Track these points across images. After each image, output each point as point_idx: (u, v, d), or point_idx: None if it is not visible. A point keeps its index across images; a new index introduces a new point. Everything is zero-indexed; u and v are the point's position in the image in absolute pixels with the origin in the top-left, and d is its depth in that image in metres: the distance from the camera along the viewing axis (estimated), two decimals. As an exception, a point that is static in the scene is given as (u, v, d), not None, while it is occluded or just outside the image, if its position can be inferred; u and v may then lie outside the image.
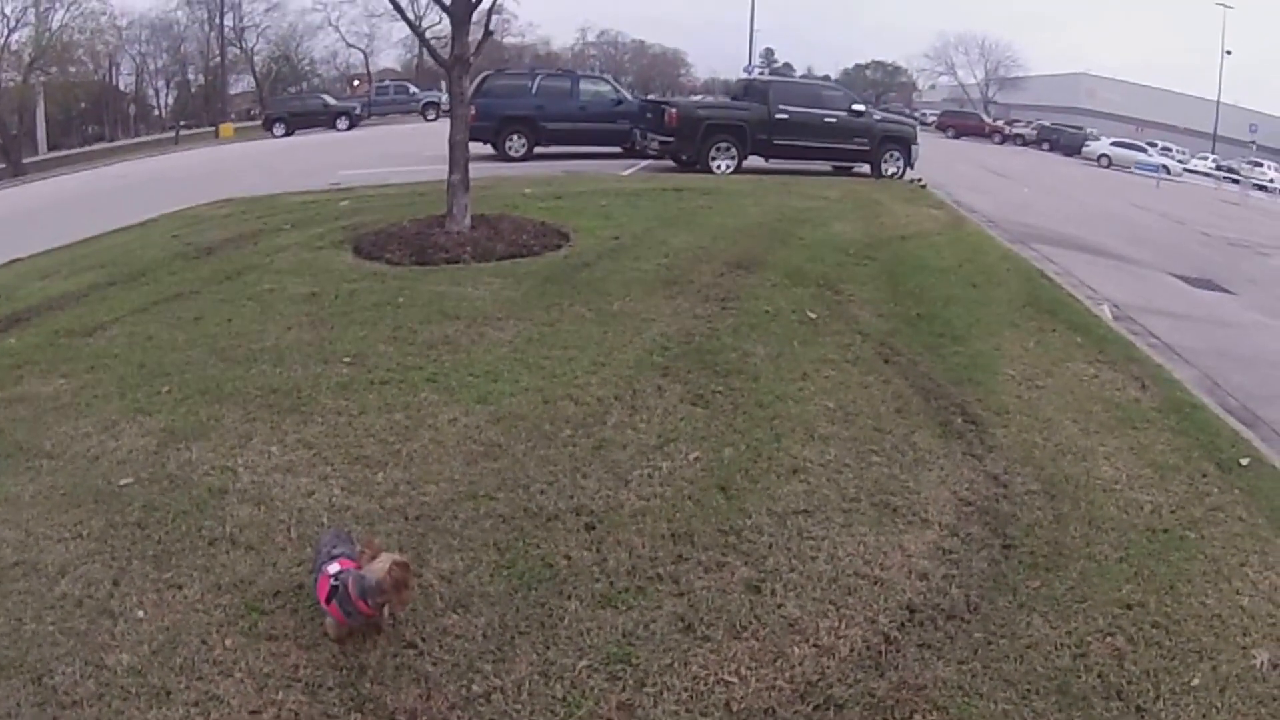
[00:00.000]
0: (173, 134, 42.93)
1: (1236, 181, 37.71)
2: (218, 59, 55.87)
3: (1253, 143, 48.09)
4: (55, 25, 41.85)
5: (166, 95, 61.37)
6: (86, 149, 43.11)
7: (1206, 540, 3.90)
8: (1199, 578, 3.60)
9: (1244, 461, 4.80)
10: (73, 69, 45.35)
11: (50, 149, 42.82)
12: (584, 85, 21.16)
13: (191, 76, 60.39)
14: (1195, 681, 2.98)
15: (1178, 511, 4.14)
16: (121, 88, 57.21)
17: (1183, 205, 24.28)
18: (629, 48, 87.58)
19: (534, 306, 6.61)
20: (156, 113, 59.77)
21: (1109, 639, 3.15)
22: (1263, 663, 3.11)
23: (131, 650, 2.90)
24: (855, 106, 18.85)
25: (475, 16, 9.02)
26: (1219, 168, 45.90)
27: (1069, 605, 3.32)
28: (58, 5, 41.82)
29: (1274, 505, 4.32)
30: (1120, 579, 3.52)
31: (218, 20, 55.31)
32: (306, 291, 7.08)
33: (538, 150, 19.65)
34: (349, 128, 37.95)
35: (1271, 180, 42.50)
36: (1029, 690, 2.88)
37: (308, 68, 65.41)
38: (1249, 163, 44.16)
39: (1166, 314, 9.30)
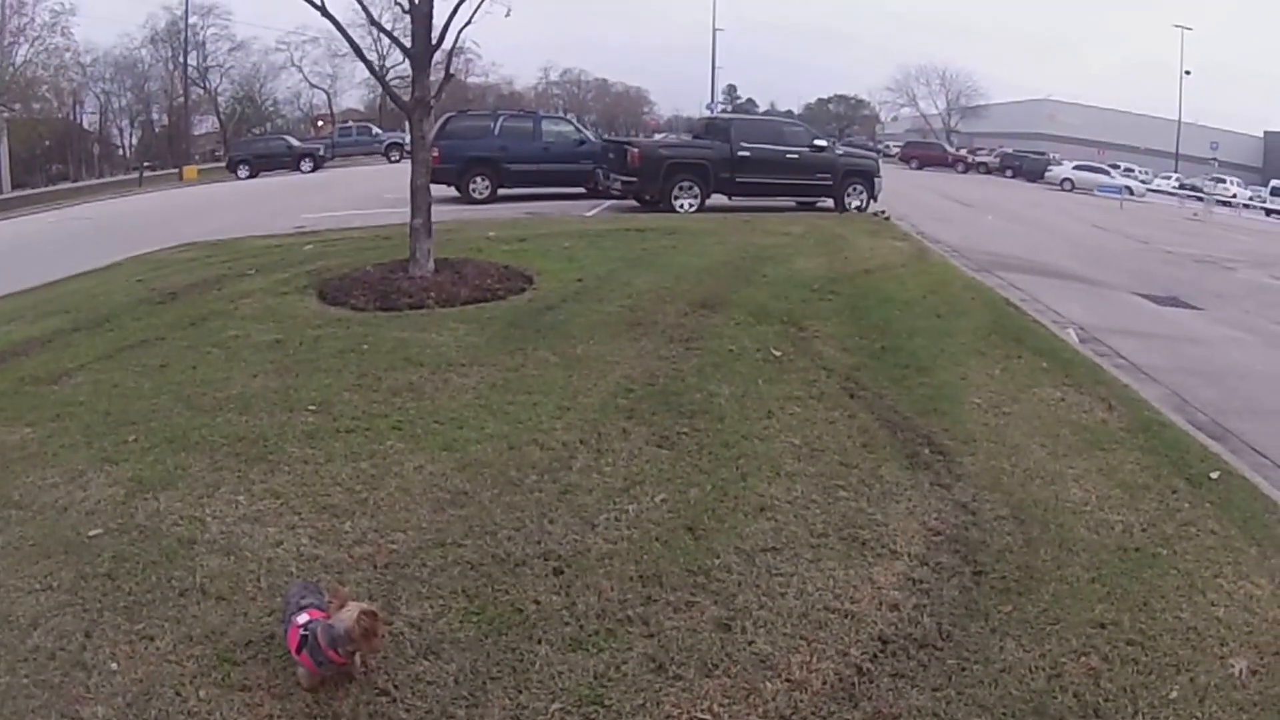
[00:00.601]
0: (136, 175, 42.47)
1: (1200, 199, 38.35)
2: (181, 99, 55.53)
3: (1214, 159, 49.01)
4: (19, 61, 41.43)
5: (131, 135, 61.21)
6: (51, 188, 42.59)
7: (1179, 555, 3.95)
8: (1173, 593, 3.64)
9: (1214, 475, 4.87)
10: (37, 106, 44.80)
11: (14, 187, 42.18)
12: (547, 126, 21.28)
13: (156, 116, 60.24)
14: (1173, 694, 3.01)
15: (1149, 529, 4.19)
16: (86, 126, 56.96)
17: (1147, 225, 24.82)
18: (592, 86, 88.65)
19: (498, 351, 6.58)
20: (121, 152, 59.48)
21: (1084, 658, 3.17)
22: (1241, 671, 3.13)
23: (106, 703, 2.86)
24: (817, 142, 19.14)
25: (437, 58, 9.08)
26: (1182, 186, 46.72)
27: (1042, 628, 3.34)
28: (21, 40, 41.52)
29: (1245, 516, 4.39)
30: (1093, 599, 3.55)
31: (181, 59, 55.13)
32: (271, 338, 7.02)
33: (501, 192, 19.67)
34: (313, 169, 37.96)
35: (1234, 196, 43.28)
36: (1004, 713, 2.89)
37: (271, 108, 65.57)
38: (1212, 179, 44.91)
39: (1133, 334, 9.46)
